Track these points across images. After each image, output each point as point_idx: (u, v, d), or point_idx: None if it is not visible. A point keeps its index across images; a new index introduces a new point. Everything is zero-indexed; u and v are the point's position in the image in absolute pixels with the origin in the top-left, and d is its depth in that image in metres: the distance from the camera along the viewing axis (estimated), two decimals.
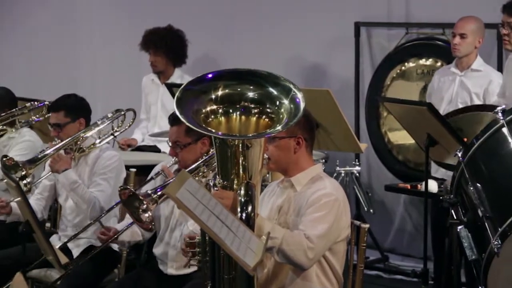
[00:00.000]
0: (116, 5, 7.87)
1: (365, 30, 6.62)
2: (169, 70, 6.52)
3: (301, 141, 3.53)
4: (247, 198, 3.12)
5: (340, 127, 4.84)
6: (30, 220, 4.02)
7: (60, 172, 4.59)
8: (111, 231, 4.26)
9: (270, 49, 6.95)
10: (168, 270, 4.26)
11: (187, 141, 4.17)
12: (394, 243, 6.64)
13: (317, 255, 3.40)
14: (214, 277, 3.21)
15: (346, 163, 6.15)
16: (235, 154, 3.13)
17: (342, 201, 3.50)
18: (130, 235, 4.33)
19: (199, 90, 3.20)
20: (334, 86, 6.41)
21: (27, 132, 5.23)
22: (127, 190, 3.85)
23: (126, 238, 4.32)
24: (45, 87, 7.55)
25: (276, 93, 3.20)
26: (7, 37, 8.41)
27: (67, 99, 4.79)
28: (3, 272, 4.40)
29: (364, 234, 3.73)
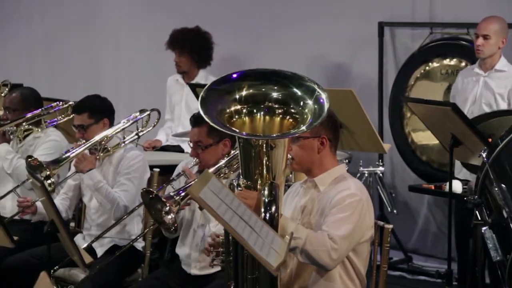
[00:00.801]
0: (140, 5, 7.89)
1: (389, 30, 6.61)
2: (194, 71, 6.54)
3: (325, 141, 3.52)
4: (270, 198, 3.12)
5: (364, 128, 4.83)
6: (55, 219, 4.04)
7: (84, 172, 4.62)
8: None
9: (294, 49, 6.94)
10: (192, 271, 4.26)
11: (208, 142, 4.17)
12: (418, 243, 6.61)
13: (341, 256, 3.39)
14: (237, 277, 3.21)
15: (369, 164, 6.13)
16: (259, 154, 3.13)
17: (366, 202, 3.49)
18: None
19: (223, 90, 3.20)
20: (357, 86, 6.40)
21: (53, 132, 5.26)
22: (149, 193, 3.86)
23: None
24: (68, 88, 7.60)
25: (300, 94, 3.19)
26: (31, 38, 8.46)
27: (90, 101, 4.82)
28: (29, 271, 4.43)
29: (387, 235, 3.72)
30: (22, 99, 5.21)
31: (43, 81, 7.92)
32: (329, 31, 6.82)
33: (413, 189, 5.96)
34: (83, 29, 8.16)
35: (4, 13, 8.62)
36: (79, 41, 8.18)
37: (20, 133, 5.15)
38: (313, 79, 3.22)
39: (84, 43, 8.16)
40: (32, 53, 8.45)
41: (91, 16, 8.15)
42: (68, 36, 8.24)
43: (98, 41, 8.11)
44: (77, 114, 4.76)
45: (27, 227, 4.92)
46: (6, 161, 5.06)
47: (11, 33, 8.53)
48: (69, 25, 8.23)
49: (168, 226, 3.87)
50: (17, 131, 5.14)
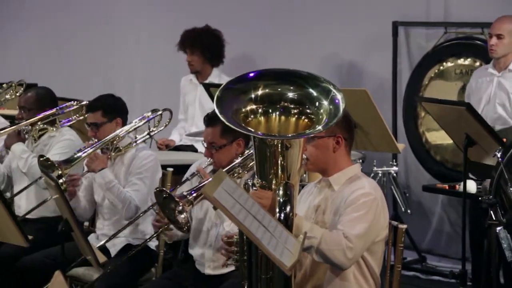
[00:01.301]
0: (153, 5, 7.91)
1: (403, 29, 6.59)
2: (207, 70, 6.55)
3: (341, 141, 3.52)
4: (285, 198, 3.11)
5: (378, 127, 4.82)
6: (69, 219, 4.05)
7: (96, 171, 4.62)
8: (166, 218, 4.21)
9: (307, 49, 6.94)
10: (206, 270, 4.26)
11: (222, 143, 4.17)
12: (432, 243, 6.60)
13: (356, 255, 3.39)
14: (251, 277, 3.21)
15: (383, 163, 6.12)
16: (274, 154, 3.13)
17: (380, 201, 3.49)
18: None
19: (239, 90, 3.20)
20: (371, 86, 6.38)
21: (67, 131, 5.27)
22: (163, 191, 3.86)
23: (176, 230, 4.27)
24: (83, 88, 7.61)
25: (316, 94, 3.19)
26: (45, 37, 8.49)
27: (104, 99, 4.83)
28: (43, 271, 4.45)
29: (401, 235, 3.71)
30: (37, 98, 5.22)
31: (57, 81, 7.93)
32: (343, 31, 6.81)
33: (427, 189, 5.94)
34: (98, 28, 8.18)
35: (18, 12, 8.65)
36: (94, 41, 8.20)
37: (35, 133, 5.16)
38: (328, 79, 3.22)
39: (98, 43, 8.18)
40: (46, 53, 8.48)
41: (106, 16, 8.17)
42: (83, 36, 8.26)
43: (112, 41, 8.13)
44: (90, 112, 4.78)
45: (41, 226, 4.94)
46: (21, 160, 5.08)
47: (25, 32, 8.56)
48: (84, 25, 8.25)
49: (181, 226, 3.87)
50: (32, 131, 5.14)
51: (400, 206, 6.33)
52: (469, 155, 4.83)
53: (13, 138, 5.13)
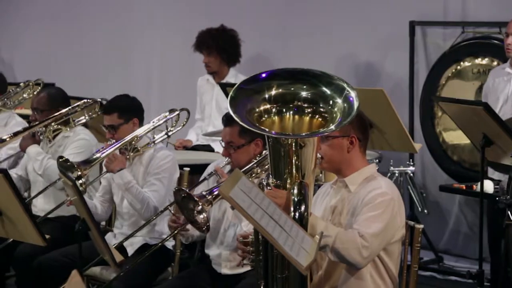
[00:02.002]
0: (170, 5, 7.92)
1: (420, 29, 6.57)
2: (224, 70, 6.56)
3: (355, 141, 3.51)
4: (300, 198, 3.11)
5: (394, 127, 4.80)
6: (86, 218, 4.07)
7: (115, 172, 4.64)
8: (181, 218, 4.20)
9: (323, 48, 6.94)
10: (222, 270, 4.27)
11: (240, 143, 4.17)
12: (449, 244, 6.58)
13: (371, 254, 3.38)
14: (267, 276, 3.21)
15: (400, 163, 6.11)
16: (288, 153, 3.13)
17: (397, 201, 3.48)
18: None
19: (252, 90, 3.20)
20: (388, 86, 6.38)
21: (82, 131, 5.27)
22: (182, 192, 3.87)
23: (193, 232, 4.29)
24: (99, 87, 7.64)
25: (330, 93, 3.19)
26: (62, 37, 8.52)
27: (119, 101, 4.83)
28: (60, 270, 4.47)
29: (418, 235, 3.70)
30: (49, 99, 5.21)
31: (75, 80, 7.99)
32: (359, 31, 6.80)
33: (444, 189, 5.92)
34: (114, 28, 8.21)
35: (35, 11, 8.69)
36: (111, 41, 8.22)
37: (49, 134, 5.16)
38: (343, 78, 3.22)
39: (115, 43, 8.21)
40: (63, 52, 8.51)
41: (122, 16, 8.19)
42: (99, 36, 8.29)
43: (129, 41, 8.15)
44: (106, 114, 4.78)
45: (58, 226, 4.95)
46: (37, 162, 5.09)
47: (42, 31, 8.60)
48: (100, 25, 8.28)
49: (200, 226, 3.88)
50: (46, 132, 5.15)
51: (417, 206, 6.32)
52: (486, 155, 4.81)
53: (28, 141, 5.14)
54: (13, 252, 4.82)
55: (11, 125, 5.48)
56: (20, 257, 4.80)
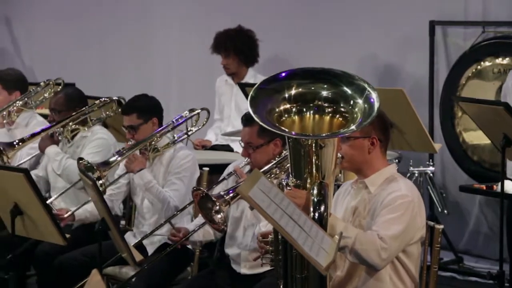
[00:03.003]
0: (189, 5, 7.93)
1: (440, 29, 6.55)
2: (242, 71, 6.56)
3: (376, 142, 3.50)
4: (320, 198, 3.11)
5: (414, 127, 4.80)
6: (106, 218, 4.08)
7: (135, 172, 4.65)
8: (181, 232, 4.30)
9: (343, 48, 6.92)
10: (242, 270, 4.28)
11: (259, 143, 4.17)
12: (469, 244, 6.55)
13: (390, 256, 3.37)
14: (287, 276, 3.21)
15: (419, 163, 6.09)
16: (308, 154, 3.13)
17: (417, 203, 3.47)
18: (202, 235, 4.37)
19: (272, 89, 3.20)
20: (408, 86, 6.36)
21: (100, 130, 5.27)
22: (200, 191, 3.88)
23: (198, 238, 4.36)
24: (118, 87, 7.66)
25: (350, 92, 3.18)
26: (81, 37, 8.55)
27: (137, 101, 4.84)
28: (81, 269, 4.49)
29: (438, 235, 3.69)
30: (66, 99, 5.21)
31: (95, 80, 8.01)
32: (379, 31, 6.78)
33: (464, 189, 5.90)
34: (133, 28, 8.23)
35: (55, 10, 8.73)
36: (130, 41, 8.24)
37: (67, 134, 5.17)
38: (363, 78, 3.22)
39: (134, 43, 8.23)
40: (83, 52, 8.53)
41: (142, 15, 8.21)
42: (119, 36, 8.31)
43: (148, 41, 8.17)
44: (125, 115, 4.78)
45: (78, 225, 4.97)
46: (55, 162, 5.11)
47: (62, 31, 8.63)
48: (120, 25, 8.30)
49: (218, 226, 3.88)
50: (64, 132, 5.16)
51: (437, 206, 6.29)
52: (507, 155, 4.79)
53: (46, 141, 5.16)
54: (33, 251, 4.85)
55: (32, 125, 5.51)
56: (41, 256, 4.83)
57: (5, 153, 5.01)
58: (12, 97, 5.58)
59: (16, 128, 5.52)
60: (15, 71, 5.79)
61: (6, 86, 5.60)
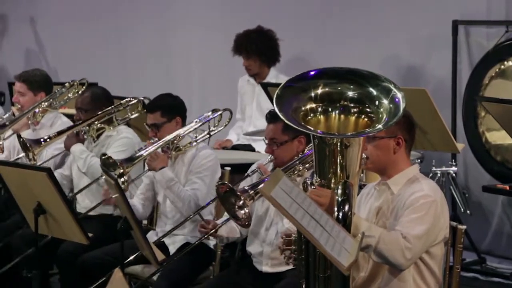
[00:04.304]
0: (211, 4, 7.95)
1: (463, 28, 6.52)
2: (264, 71, 6.56)
3: (401, 142, 3.50)
4: (344, 197, 3.11)
5: (437, 127, 4.79)
6: (128, 217, 4.10)
7: (157, 170, 4.67)
8: (211, 224, 4.30)
9: (365, 48, 6.91)
10: (263, 268, 4.28)
11: (283, 139, 4.18)
12: (492, 245, 6.52)
13: (414, 256, 3.37)
14: (309, 275, 3.21)
15: (442, 163, 6.07)
16: (333, 153, 3.13)
17: (439, 203, 3.46)
18: (228, 231, 4.37)
19: (299, 88, 3.21)
20: (430, 86, 6.34)
21: (125, 129, 5.30)
22: (225, 186, 3.88)
23: (224, 234, 4.35)
24: (140, 87, 7.69)
25: (376, 93, 3.18)
26: (102, 37, 8.59)
27: (162, 99, 4.86)
28: (103, 268, 4.51)
29: (460, 236, 3.68)
30: (93, 98, 5.25)
31: (117, 80, 8.04)
32: (402, 31, 6.76)
33: (487, 190, 5.87)
34: (156, 28, 8.25)
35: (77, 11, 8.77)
36: (152, 41, 8.27)
37: (93, 132, 5.20)
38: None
39: (157, 43, 8.25)
40: (106, 52, 8.57)
41: (164, 15, 8.23)
42: (141, 36, 8.34)
43: (170, 40, 8.19)
44: (149, 113, 4.81)
45: (100, 224, 4.99)
46: (80, 161, 5.14)
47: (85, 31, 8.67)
48: (142, 25, 8.33)
49: (241, 221, 3.89)
50: (90, 131, 5.19)
51: (459, 207, 6.27)
52: None
53: (72, 139, 5.19)
54: (56, 250, 4.87)
55: (57, 125, 5.54)
56: (63, 255, 4.85)
57: (32, 150, 5.05)
58: (37, 98, 5.61)
59: (41, 129, 5.56)
60: (40, 71, 5.83)
61: (32, 87, 5.63)
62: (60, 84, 5.84)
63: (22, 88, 5.62)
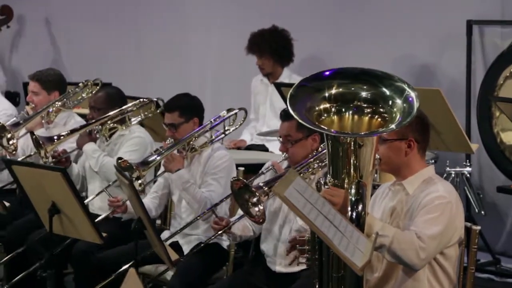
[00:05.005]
0: (225, 5, 7.95)
1: (478, 28, 6.50)
2: (278, 71, 6.56)
3: (413, 144, 3.49)
4: (357, 197, 3.11)
5: (451, 127, 4.78)
6: (142, 217, 4.11)
7: (173, 171, 4.67)
8: (224, 221, 4.29)
9: (378, 47, 6.90)
10: (277, 268, 4.28)
11: (298, 137, 4.18)
12: (506, 245, 6.49)
13: (429, 256, 3.36)
14: (323, 275, 3.21)
15: (456, 164, 6.05)
16: (346, 153, 3.13)
17: (455, 205, 3.45)
18: (242, 229, 4.37)
19: (313, 88, 3.21)
20: (444, 86, 6.32)
21: (137, 129, 5.30)
22: (240, 181, 3.88)
23: (238, 232, 4.34)
24: (154, 87, 7.70)
25: (390, 93, 3.18)
26: (117, 38, 8.60)
27: (181, 99, 4.86)
28: (117, 267, 4.52)
29: (475, 236, 3.66)
30: (107, 98, 5.25)
31: (131, 80, 8.05)
32: (416, 30, 6.75)
33: (502, 190, 5.85)
34: (170, 28, 8.26)
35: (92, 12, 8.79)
36: (166, 41, 8.28)
37: (105, 132, 5.21)
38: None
39: (170, 43, 8.26)
40: (120, 52, 8.59)
41: (178, 15, 8.24)
42: (155, 36, 8.35)
43: (184, 41, 8.20)
44: (167, 112, 4.81)
45: (115, 223, 5.00)
46: (93, 160, 5.15)
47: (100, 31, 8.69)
48: (156, 25, 8.34)
49: (254, 218, 3.89)
50: (103, 130, 5.20)
51: (474, 207, 6.25)
52: None
53: (84, 138, 5.20)
54: (70, 249, 4.89)
55: (70, 124, 5.55)
56: (78, 254, 4.86)
57: (44, 147, 5.07)
58: (51, 97, 5.63)
59: (55, 128, 5.57)
60: (54, 71, 5.84)
61: (46, 87, 5.65)
62: (74, 84, 5.86)
63: (36, 87, 5.64)
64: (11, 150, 5.32)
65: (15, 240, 5.23)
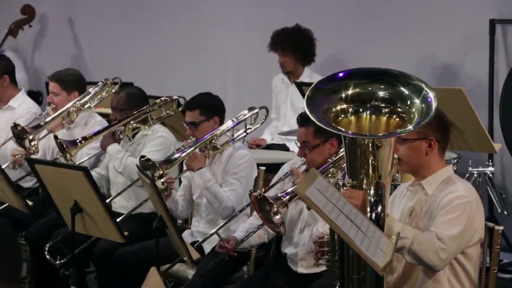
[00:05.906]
0: (247, 3, 7.95)
1: (501, 27, 6.46)
2: (299, 70, 6.55)
3: (433, 143, 3.47)
4: (376, 198, 3.10)
5: (473, 127, 4.74)
6: (163, 216, 4.12)
7: (195, 170, 4.68)
8: (229, 243, 4.34)
9: (401, 47, 6.87)
10: (298, 269, 4.28)
11: (316, 142, 4.17)
12: None
13: (449, 257, 3.35)
14: (343, 277, 3.20)
15: (479, 164, 6.01)
16: (364, 154, 3.12)
17: (474, 204, 3.43)
18: (255, 238, 4.40)
19: (329, 89, 3.20)
20: (467, 85, 6.28)
21: (160, 128, 5.31)
22: (257, 194, 3.88)
23: (248, 244, 4.42)
24: (174, 86, 7.71)
25: (408, 93, 3.16)
26: (138, 37, 8.63)
27: (202, 98, 4.88)
28: (138, 264, 4.55)
29: (497, 237, 3.65)
30: (128, 98, 5.27)
31: (150, 80, 8.07)
32: (438, 30, 6.72)
33: None
34: (190, 27, 8.27)
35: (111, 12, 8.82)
36: (187, 40, 8.29)
37: (128, 132, 5.22)
38: (421, 78, 3.19)
39: (191, 42, 8.27)
40: (140, 52, 8.61)
41: (198, 14, 8.25)
42: (175, 35, 8.37)
43: (205, 40, 8.21)
44: (188, 110, 4.82)
45: (137, 222, 5.01)
46: (116, 160, 5.17)
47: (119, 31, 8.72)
48: (176, 23, 8.35)
49: (275, 226, 3.88)
50: (126, 130, 5.21)
51: (496, 207, 6.21)
52: None
53: (108, 139, 5.22)
54: (93, 248, 4.91)
55: (91, 124, 5.57)
56: (100, 253, 4.89)
57: (68, 151, 5.09)
58: (71, 97, 5.65)
59: (75, 127, 5.59)
60: (74, 71, 5.86)
61: (65, 87, 5.67)
62: (94, 83, 5.87)
63: (56, 88, 5.67)
64: (33, 151, 5.35)
65: (38, 239, 5.26)
